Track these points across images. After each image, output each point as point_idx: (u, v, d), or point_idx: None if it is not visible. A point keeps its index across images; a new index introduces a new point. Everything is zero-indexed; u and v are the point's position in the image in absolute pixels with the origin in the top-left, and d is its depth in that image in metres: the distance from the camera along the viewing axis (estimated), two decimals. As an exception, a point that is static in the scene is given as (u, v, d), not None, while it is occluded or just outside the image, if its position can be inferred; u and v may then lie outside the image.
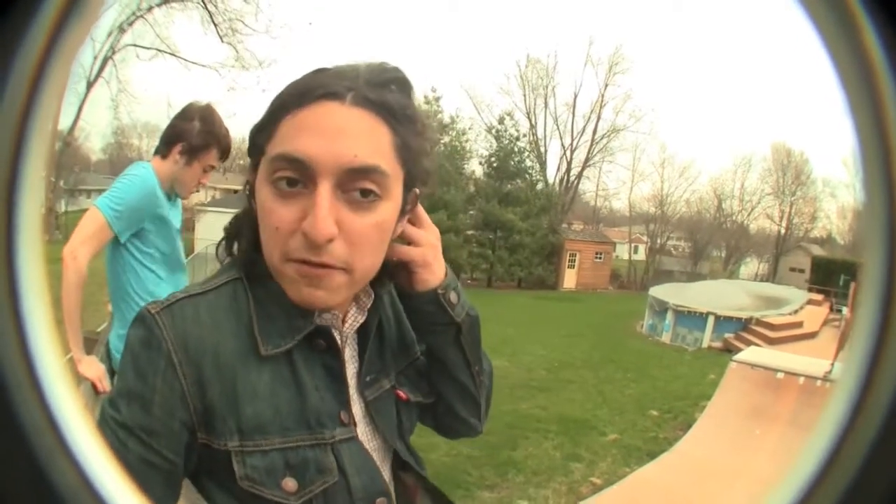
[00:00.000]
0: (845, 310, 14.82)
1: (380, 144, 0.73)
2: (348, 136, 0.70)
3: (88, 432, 0.33)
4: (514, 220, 31.02)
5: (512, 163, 32.94)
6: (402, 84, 0.78)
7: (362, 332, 0.86)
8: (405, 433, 0.92)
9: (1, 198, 0.30)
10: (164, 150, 2.36)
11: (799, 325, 15.30)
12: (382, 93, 0.74)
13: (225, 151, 2.38)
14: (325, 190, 0.69)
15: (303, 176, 0.70)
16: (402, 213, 0.80)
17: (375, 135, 0.73)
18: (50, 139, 0.31)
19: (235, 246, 0.84)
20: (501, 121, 34.18)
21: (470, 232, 31.23)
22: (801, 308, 17.58)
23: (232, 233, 0.85)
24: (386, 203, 0.74)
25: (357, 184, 0.71)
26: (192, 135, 2.30)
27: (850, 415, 0.30)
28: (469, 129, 34.07)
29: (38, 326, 0.31)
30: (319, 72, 0.75)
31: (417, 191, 0.82)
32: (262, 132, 0.75)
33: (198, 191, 2.44)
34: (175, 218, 2.46)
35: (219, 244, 0.86)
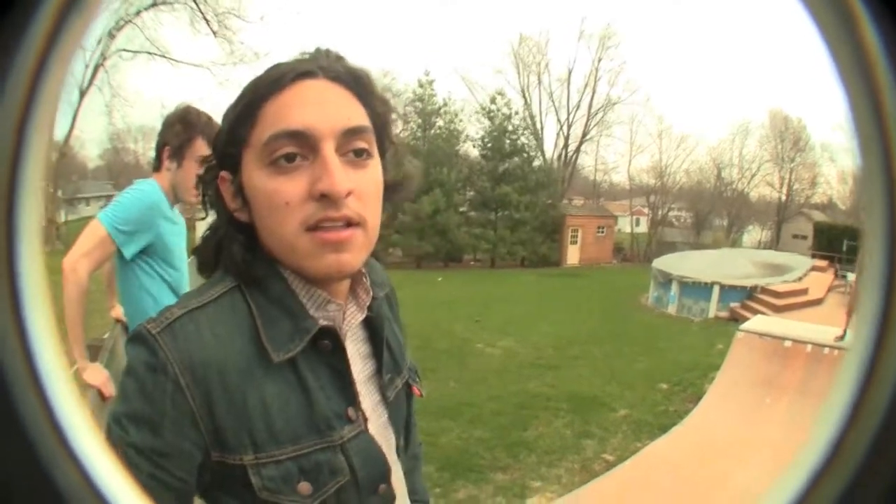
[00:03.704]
0: (851, 275, 14.72)
1: (358, 109, 0.79)
2: (335, 103, 0.77)
3: (91, 433, 0.32)
4: (510, 193, 31.03)
5: (507, 142, 32.88)
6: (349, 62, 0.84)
7: (374, 330, 0.89)
8: (409, 424, 0.98)
9: (1, 202, 0.30)
10: (156, 163, 2.37)
11: (804, 291, 15.25)
12: (346, 66, 0.81)
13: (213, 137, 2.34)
14: (330, 151, 0.74)
15: (303, 147, 0.74)
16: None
17: (353, 102, 0.79)
18: (48, 141, 0.31)
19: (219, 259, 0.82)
20: (493, 100, 34.10)
21: (471, 213, 31.19)
22: (806, 275, 17.49)
23: (211, 249, 0.83)
24: (374, 161, 0.80)
25: (352, 144, 0.76)
26: (172, 136, 2.29)
27: (862, 384, 0.30)
28: (462, 110, 34.08)
29: (40, 328, 0.31)
30: (279, 64, 0.80)
31: (389, 154, 0.87)
32: (243, 124, 0.77)
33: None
34: (180, 233, 2.44)
35: (199, 267, 0.85)
